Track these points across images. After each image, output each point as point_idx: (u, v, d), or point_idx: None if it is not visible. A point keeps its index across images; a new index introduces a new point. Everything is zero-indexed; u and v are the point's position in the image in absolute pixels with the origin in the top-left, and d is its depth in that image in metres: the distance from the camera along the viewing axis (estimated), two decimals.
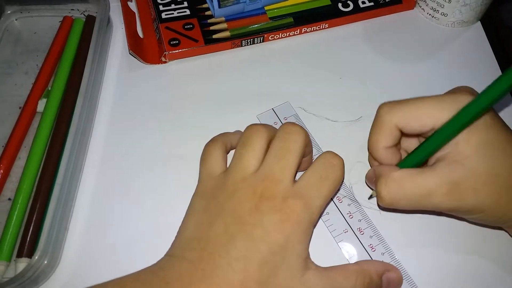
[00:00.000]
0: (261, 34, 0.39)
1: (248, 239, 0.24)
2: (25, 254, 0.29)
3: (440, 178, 0.26)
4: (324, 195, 0.26)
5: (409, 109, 0.27)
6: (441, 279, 0.29)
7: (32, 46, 0.40)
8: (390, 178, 0.27)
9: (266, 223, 0.24)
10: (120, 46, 0.40)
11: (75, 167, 0.32)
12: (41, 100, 0.36)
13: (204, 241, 0.25)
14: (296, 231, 0.24)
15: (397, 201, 0.27)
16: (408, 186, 0.26)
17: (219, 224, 0.25)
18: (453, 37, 0.41)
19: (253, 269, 0.23)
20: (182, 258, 0.25)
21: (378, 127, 0.28)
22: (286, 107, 0.36)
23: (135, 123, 0.36)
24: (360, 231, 0.31)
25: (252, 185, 0.26)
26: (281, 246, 0.24)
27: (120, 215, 0.32)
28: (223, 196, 0.26)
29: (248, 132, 0.28)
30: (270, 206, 0.25)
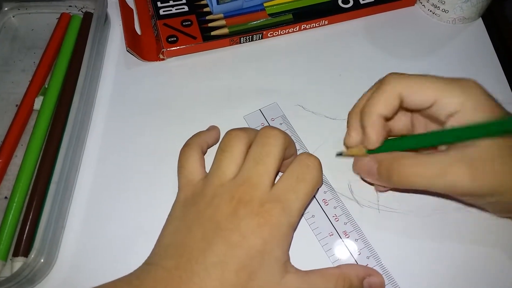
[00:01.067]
0: (260, 31, 0.39)
1: (226, 244, 0.24)
2: (22, 253, 0.29)
3: (455, 157, 0.25)
4: (302, 197, 0.26)
5: (416, 81, 0.26)
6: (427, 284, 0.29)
7: (30, 43, 0.40)
8: (406, 156, 0.26)
9: (243, 228, 0.24)
10: (117, 43, 0.40)
11: (72, 165, 0.32)
12: (38, 97, 0.35)
13: (181, 248, 0.25)
14: (274, 234, 0.24)
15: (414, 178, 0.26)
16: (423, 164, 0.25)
17: (197, 231, 0.25)
18: (454, 33, 0.41)
19: (230, 274, 0.23)
20: (158, 266, 0.25)
21: (381, 92, 0.27)
22: (274, 108, 0.36)
23: (133, 121, 0.36)
24: (345, 234, 0.30)
25: (230, 190, 0.26)
26: (258, 250, 0.24)
27: (117, 213, 0.32)
28: (202, 203, 0.26)
29: (227, 138, 0.28)
30: (247, 211, 0.25)
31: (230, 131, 0.28)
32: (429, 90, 0.26)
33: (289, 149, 0.28)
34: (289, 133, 0.35)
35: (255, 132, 0.28)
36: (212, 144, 0.33)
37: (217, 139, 0.33)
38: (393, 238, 0.30)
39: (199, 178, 0.28)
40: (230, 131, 0.28)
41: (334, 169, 0.33)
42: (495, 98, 0.26)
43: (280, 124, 0.35)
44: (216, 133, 0.33)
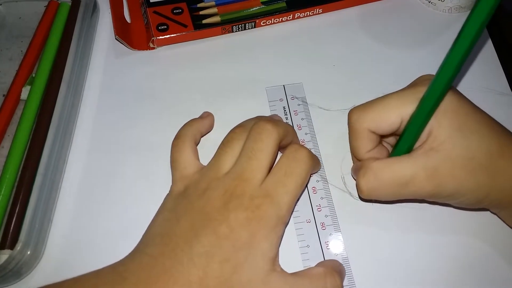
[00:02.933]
0: (253, 19, 0.38)
1: (213, 235, 0.24)
2: (8, 245, 0.28)
3: (417, 164, 0.26)
4: (291, 190, 0.26)
5: (376, 112, 0.27)
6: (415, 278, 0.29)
7: (17, 32, 0.39)
8: (368, 168, 0.26)
9: (232, 220, 0.24)
10: (107, 32, 0.39)
11: (59, 157, 0.31)
12: (25, 87, 0.34)
13: (168, 237, 0.25)
14: (262, 228, 0.24)
15: (376, 191, 0.27)
16: (385, 176, 0.26)
17: (186, 221, 0.25)
18: (450, 23, 0.40)
19: (215, 265, 0.23)
20: (144, 253, 0.25)
21: (354, 136, 0.28)
22: (299, 87, 0.36)
23: (123, 111, 0.35)
24: (322, 226, 0.30)
25: (223, 184, 0.26)
26: (245, 243, 0.24)
27: (106, 205, 0.31)
28: (194, 195, 0.26)
29: (230, 135, 0.28)
30: (237, 204, 0.25)
31: (233, 129, 0.29)
32: (391, 116, 0.27)
33: (285, 139, 0.28)
34: (305, 118, 0.34)
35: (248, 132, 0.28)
36: (206, 132, 0.33)
37: (210, 126, 0.33)
38: (383, 232, 0.30)
39: (193, 170, 0.28)
40: (233, 129, 0.29)
41: (328, 161, 0.33)
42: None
43: (298, 105, 0.35)
44: (209, 121, 0.33)
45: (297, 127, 0.34)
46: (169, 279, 0.23)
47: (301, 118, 0.34)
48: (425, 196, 0.27)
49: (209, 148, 0.29)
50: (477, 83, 0.36)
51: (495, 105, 0.34)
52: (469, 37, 0.22)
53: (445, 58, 0.24)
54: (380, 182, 0.26)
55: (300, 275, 0.25)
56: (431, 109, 0.25)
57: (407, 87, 0.28)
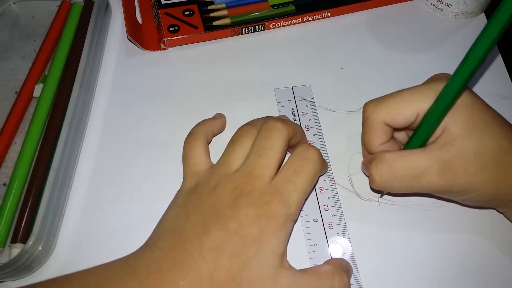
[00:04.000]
0: (262, 22, 0.38)
1: (223, 231, 0.24)
2: (20, 240, 0.29)
3: (430, 157, 0.26)
4: (301, 189, 0.26)
5: (392, 105, 0.28)
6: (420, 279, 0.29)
7: (30, 31, 0.39)
8: (381, 160, 0.27)
9: (242, 217, 0.24)
10: (118, 32, 0.39)
11: (71, 153, 0.31)
12: (38, 85, 0.35)
13: (178, 232, 0.25)
14: (271, 225, 0.24)
15: (388, 182, 0.27)
16: (399, 167, 0.26)
17: (196, 216, 0.25)
18: (457, 28, 0.41)
19: (224, 260, 0.24)
20: (155, 247, 0.25)
21: (368, 128, 0.29)
22: (307, 89, 0.36)
23: (133, 110, 0.35)
24: (330, 226, 0.30)
25: (233, 181, 0.26)
26: (254, 239, 0.24)
27: (116, 201, 0.32)
28: (204, 192, 0.26)
29: (239, 132, 0.29)
30: (247, 201, 0.25)
31: (242, 126, 0.29)
32: (407, 108, 0.27)
33: (294, 138, 0.28)
34: (313, 119, 0.35)
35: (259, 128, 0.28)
36: (218, 132, 0.33)
37: (222, 127, 0.34)
38: (390, 232, 0.30)
39: (204, 168, 0.29)
40: (242, 126, 0.29)
41: (335, 162, 0.33)
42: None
43: (306, 106, 0.35)
44: (221, 122, 0.33)
45: (305, 128, 0.34)
46: (180, 272, 0.23)
47: (309, 119, 0.35)
48: (436, 190, 0.27)
49: (220, 146, 0.30)
50: (482, 87, 0.37)
51: (500, 109, 0.34)
52: (492, 36, 0.23)
53: (465, 56, 0.25)
54: (394, 173, 0.26)
55: (308, 272, 0.25)
56: (448, 105, 0.26)
57: (424, 84, 0.28)
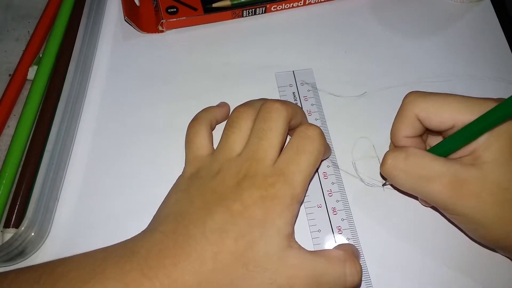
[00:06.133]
0: (264, 4, 0.37)
1: (227, 213, 0.24)
2: (13, 224, 0.28)
3: (448, 167, 0.25)
4: (304, 168, 0.25)
5: (432, 103, 0.26)
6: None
7: (24, 12, 0.38)
8: (401, 149, 0.26)
9: (246, 199, 0.24)
10: (115, 13, 0.38)
11: (67, 136, 0.31)
12: (32, 67, 0.34)
13: (181, 216, 0.24)
14: (276, 206, 0.24)
15: (397, 170, 0.26)
16: (414, 161, 0.25)
17: (199, 200, 0.25)
18: (462, 13, 0.40)
19: (229, 241, 0.23)
20: (156, 230, 0.24)
21: (400, 116, 0.28)
22: (308, 73, 0.35)
23: (131, 93, 0.34)
24: (334, 211, 0.30)
25: (236, 165, 0.25)
26: (259, 220, 0.23)
27: (113, 186, 0.31)
28: (207, 176, 0.26)
29: (235, 114, 0.28)
30: (250, 184, 0.24)
31: (238, 107, 0.28)
32: (446, 113, 0.26)
33: (294, 119, 0.27)
34: (315, 104, 0.34)
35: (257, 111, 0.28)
36: (221, 120, 0.32)
37: (226, 115, 0.33)
38: (395, 217, 0.30)
39: (207, 153, 0.28)
40: (238, 107, 0.28)
41: (338, 147, 0.32)
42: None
43: (308, 91, 0.34)
44: (226, 110, 0.32)
45: (307, 112, 0.33)
46: (181, 254, 0.23)
47: (311, 104, 0.34)
48: (438, 202, 0.26)
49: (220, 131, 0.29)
50: (489, 73, 0.36)
51: (507, 95, 0.34)
52: None
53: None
54: (406, 164, 0.25)
55: (319, 254, 0.24)
56: (486, 127, 0.24)
57: (473, 97, 0.26)
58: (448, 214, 0.26)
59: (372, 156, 0.32)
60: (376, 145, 0.32)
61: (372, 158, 0.32)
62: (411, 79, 0.35)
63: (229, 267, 0.23)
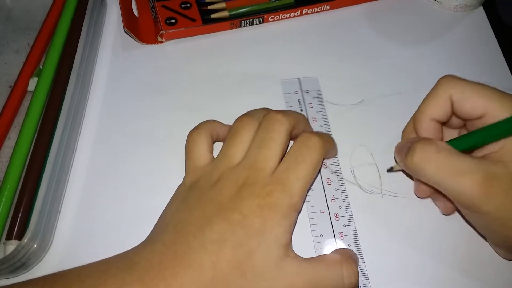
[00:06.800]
0: (261, 14, 0.38)
1: (225, 222, 0.24)
2: (15, 236, 0.28)
3: (478, 164, 0.24)
4: (303, 177, 0.25)
5: (469, 87, 0.26)
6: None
7: (24, 24, 0.38)
8: (431, 142, 0.25)
9: (244, 208, 0.24)
10: (114, 25, 0.39)
11: (68, 148, 0.31)
12: (32, 78, 0.34)
13: (180, 225, 0.25)
14: (275, 215, 0.24)
15: (427, 164, 0.25)
16: (445, 156, 0.24)
17: (198, 210, 0.25)
18: (455, 21, 0.40)
19: (227, 251, 0.23)
20: (156, 241, 0.25)
21: (432, 94, 0.27)
22: (313, 81, 0.36)
23: (130, 104, 0.35)
24: (336, 217, 0.30)
25: (235, 174, 0.26)
26: (258, 229, 0.24)
27: (114, 197, 0.31)
28: (206, 185, 0.26)
29: (237, 123, 0.28)
30: (249, 193, 0.25)
31: (240, 117, 0.28)
32: (480, 100, 0.25)
33: (297, 128, 0.28)
34: (320, 111, 0.34)
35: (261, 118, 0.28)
36: (223, 134, 0.31)
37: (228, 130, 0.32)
38: (397, 224, 0.30)
39: (206, 162, 0.28)
40: (240, 117, 0.28)
41: (338, 155, 0.33)
42: None
43: (314, 98, 0.35)
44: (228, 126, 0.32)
45: (312, 119, 0.34)
46: (181, 264, 0.23)
47: (316, 111, 0.34)
48: (466, 199, 0.24)
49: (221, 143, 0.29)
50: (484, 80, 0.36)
51: None
52: None
53: None
54: (438, 158, 0.24)
55: (315, 261, 0.25)
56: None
57: (506, 92, 0.26)
58: (472, 212, 0.25)
59: (370, 163, 0.32)
60: (374, 153, 0.33)
61: (370, 165, 0.32)
62: (407, 87, 0.36)
63: (227, 276, 0.23)
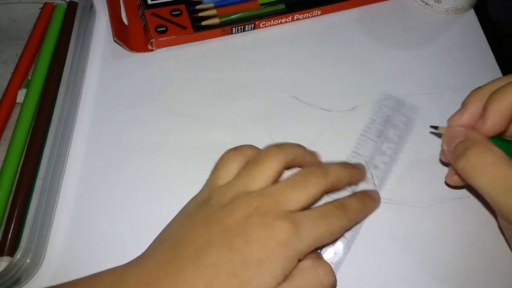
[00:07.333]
0: (252, 21, 0.38)
1: (225, 247, 0.23)
2: (7, 252, 0.27)
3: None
4: (320, 233, 0.24)
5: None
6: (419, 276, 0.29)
7: (12, 34, 0.38)
8: (490, 149, 0.24)
9: (250, 235, 0.23)
10: (103, 34, 0.38)
11: (58, 160, 0.30)
12: (21, 90, 0.34)
13: (179, 243, 0.24)
14: (278, 252, 0.23)
15: (481, 173, 0.24)
16: (502, 168, 0.23)
17: (201, 229, 0.24)
18: (447, 24, 0.40)
19: (221, 278, 0.22)
20: (149, 258, 0.24)
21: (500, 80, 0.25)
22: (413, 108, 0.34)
23: (121, 114, 0.34)
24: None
25: (250, 198, 0.24)
26: (258, 260, 0.22)
27: (106, 209, 0.30)
28: (217, 205, 0.25)
29: (268, 152, 0.26)
30: (260, 221, 0.23)
31: (271, 146, 0.27)
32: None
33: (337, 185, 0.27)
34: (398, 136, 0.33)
35: (294, 155, 0.27)
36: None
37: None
38: (387, 230, 0.30)
39: (225, 182, 0.27)
40: (271, 146, 0.27)
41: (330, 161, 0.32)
42: None
43: (402, 122, 0.34)
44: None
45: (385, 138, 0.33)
46: (171, 284, 0.22)
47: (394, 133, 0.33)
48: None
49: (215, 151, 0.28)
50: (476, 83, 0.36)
51: None
52: None
53: None
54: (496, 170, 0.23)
55: (293, 278, 0.24)
56: None
57: None
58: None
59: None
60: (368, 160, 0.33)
61: None
62: (400, 91, 0.36)
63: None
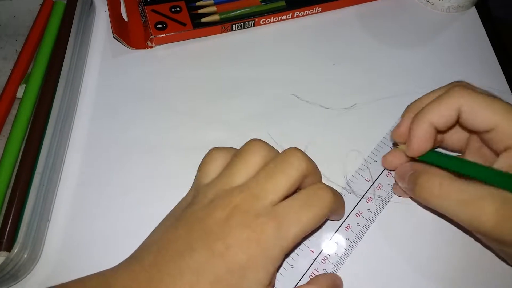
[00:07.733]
0: (252, 18, 0.37)
1: (208, 251, 0.22)
2: (4, 247, 0.27)
3: (487, 189, 0.23)
4: (303, 223, 0.23)
5: (481, 100, 0.25)
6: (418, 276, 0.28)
7: (11, 31, 0.38)
8: (432, 175, 0.25)
9: (231, 238, 0.22)
10: (103, 30, 0.38)
11: (57, 156, 0.30)
12: (21, 85, 0.34)
13: (164, 247, 0.23)
14: (262, 255, 0.22)
15: (434, 198, 0.25)
16: (449, 187, 0.24)
17: (184, 232, 0.23)
18: (448, 22, 0.40)
19: (205, 285, 0.22)
20: (136, 261, 0.24)
21: (440, 101, 0.26)
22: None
23: (120, 111, 0.34)
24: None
25: (230, 196, 0.24)
26: (241, 266, 0.22)
27: (105, 205, 0.30)
28: (199, 204, 0.24)
29: (248, 146, 0.26)
30: (240, 221, 0.23)
31: (253, 140, 0.26)
32: (490, 113, 0.24)
33: (310, 178, 0.25)
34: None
35: (276, 152, 0.26)
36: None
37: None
38: (389, 229, 0.30)
39: (209, 181, 0.26)
40: (253, 140, 0.26)
41: (330, 160, 0.32)
42: None
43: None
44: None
45: None
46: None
47: None
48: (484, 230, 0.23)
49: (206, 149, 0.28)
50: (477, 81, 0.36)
51: None
52: None
53: None
54: (445, 191, 0.24)
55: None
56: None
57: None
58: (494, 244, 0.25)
59: (363, 169, 0.32)
60: (367, 158, 0.32)
61: (363, 171, 0.32)
62: (400, 90, 0.35)
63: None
